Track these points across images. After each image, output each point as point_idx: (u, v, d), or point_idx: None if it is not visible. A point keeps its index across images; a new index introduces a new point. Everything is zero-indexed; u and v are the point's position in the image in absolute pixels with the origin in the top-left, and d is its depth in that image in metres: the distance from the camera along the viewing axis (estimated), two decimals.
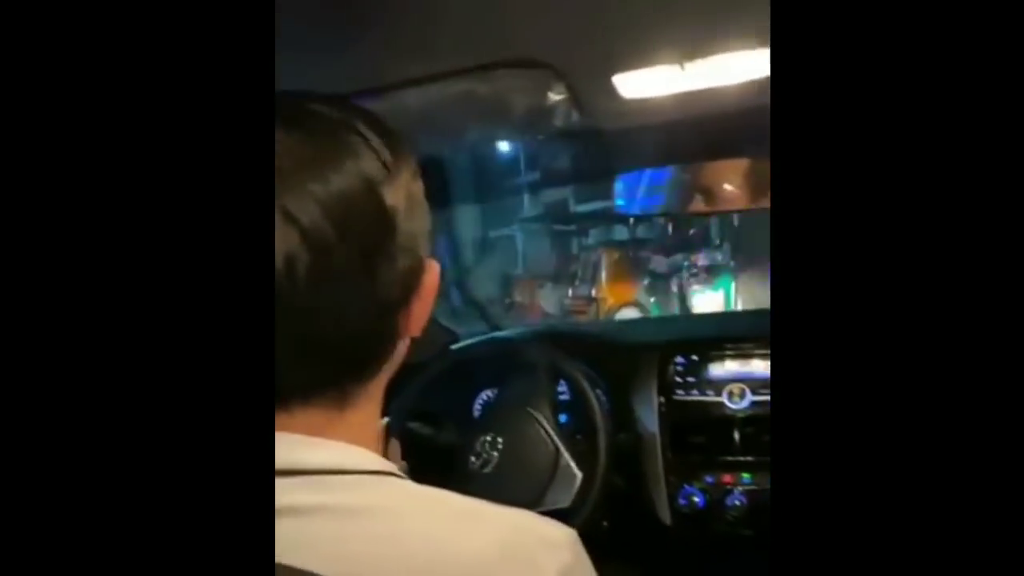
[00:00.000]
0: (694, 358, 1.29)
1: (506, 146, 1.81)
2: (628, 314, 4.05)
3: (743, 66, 0.88)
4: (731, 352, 1.28)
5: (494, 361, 1.27)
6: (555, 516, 0.49)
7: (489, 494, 0.48)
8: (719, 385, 1.25)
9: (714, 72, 0.89)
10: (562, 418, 1.15)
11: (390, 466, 0.50)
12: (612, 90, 0.92)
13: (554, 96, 0.94)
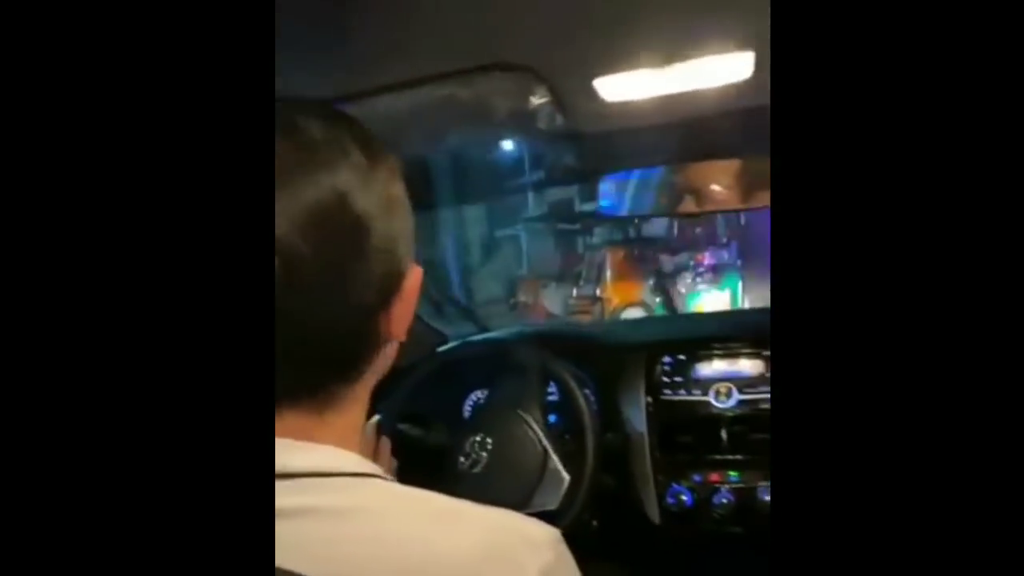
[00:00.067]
0: (681, 358, 1.29)
1: (509, 145, 1.80)
2: (633, 314, 3.99)
3: (724, 69, 0.89)
4: (718, 352, 1.28)
5: (484, 362, 1.27)
6: (543, 517, 0.49)
7: (478, 495, 0.49)
8: (706, 384, 1.26)
9: (695, 75, 0.90)
10: (551, 418, 1.15)
11: (375, 468, 0.50)
12: (594, 93, 0.93)
13: (536, 99, 0.95)
